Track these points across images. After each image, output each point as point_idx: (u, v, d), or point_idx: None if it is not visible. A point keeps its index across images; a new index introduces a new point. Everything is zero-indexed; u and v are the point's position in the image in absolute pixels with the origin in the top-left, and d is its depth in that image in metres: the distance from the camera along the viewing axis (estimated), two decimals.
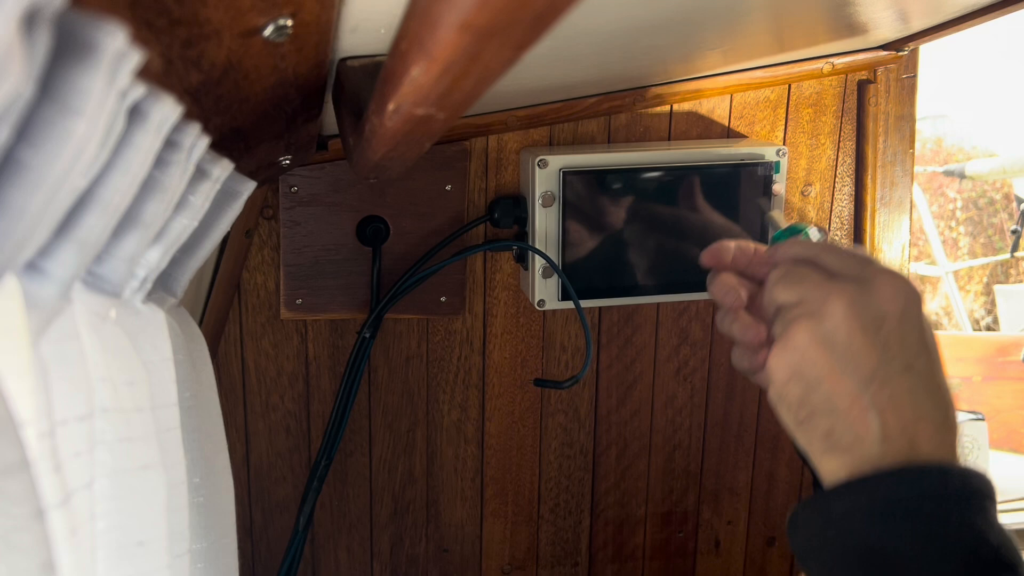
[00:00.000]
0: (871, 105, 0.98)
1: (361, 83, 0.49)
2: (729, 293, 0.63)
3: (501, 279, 0.96)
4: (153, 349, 0.44)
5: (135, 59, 0.27)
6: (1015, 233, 3.43)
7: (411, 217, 0.90)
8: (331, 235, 0.89)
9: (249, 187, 0.50)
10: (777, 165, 0.89)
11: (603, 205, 0.87)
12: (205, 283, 0.85)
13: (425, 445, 1.00)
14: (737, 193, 0.89)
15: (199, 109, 0.39)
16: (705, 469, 1.08)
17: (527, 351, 0.99)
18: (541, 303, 0.89)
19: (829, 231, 1.02)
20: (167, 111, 0.33)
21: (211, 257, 0.84)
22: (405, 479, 1.01)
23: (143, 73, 0.30)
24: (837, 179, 1.01)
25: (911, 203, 1.04)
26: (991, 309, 4.22)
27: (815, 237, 0.62)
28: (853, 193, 1.02)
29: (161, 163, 0.36)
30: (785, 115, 0.98)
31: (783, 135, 0.98)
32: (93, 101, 0.26)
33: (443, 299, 0.94)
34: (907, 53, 0.97)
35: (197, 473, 0.51)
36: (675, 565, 1.11)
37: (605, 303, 0.91)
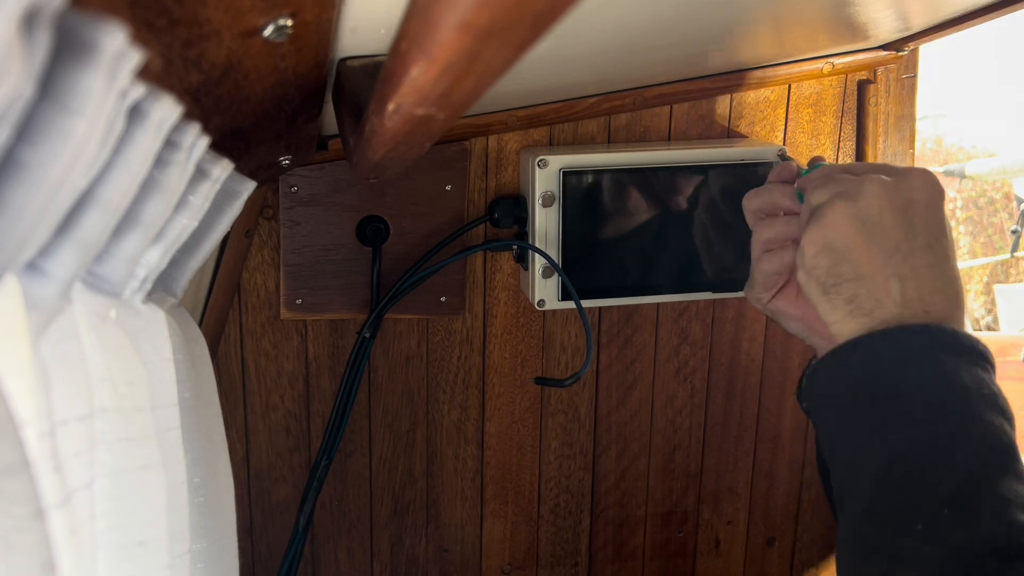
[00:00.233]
0: (871, 105, 0.98)
1: (361, 83, 0.49)
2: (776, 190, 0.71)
3: (501, 279, 0.96)
4: (153, 349, 0.44)
5: (135, 59, 0.27)
6: (1015, 233, 3.43)
7: (411, 217, 0.90)
8: (331, 235, 0.89)
9: (249, 187, 0.50)
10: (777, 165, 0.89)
11: (603, 205, 0.87)
12: (205, 283, 0.85)
13: (425, 445, 1.00)
14: (737, 193, 0.89)
15: (199, 109, 0.39)
16: (705, 469, 1.08)
17: (527, 351, 0.99)
18: (541, 303, 0.89)
19: None
20: (167, 111, 0.33)
21: (211, 257, 0.84)
22: (405, 479, 1.01)
23: (143, 73, 0.30)
24: None
25: None
26: (991, 309, 4.22)
27: None
28: None
29: (161, 163, 0.36)
30: (785, 115, 0.98)
31: (783, 135, 0.98)
32: (93, 101, 0.26)
33: (443, 299, 0.94)
34: (907, 53, 0.97)
35: (197, 473, 0.51)
36: (675, 565, 1.11)
37: (605, 303, 0.91)
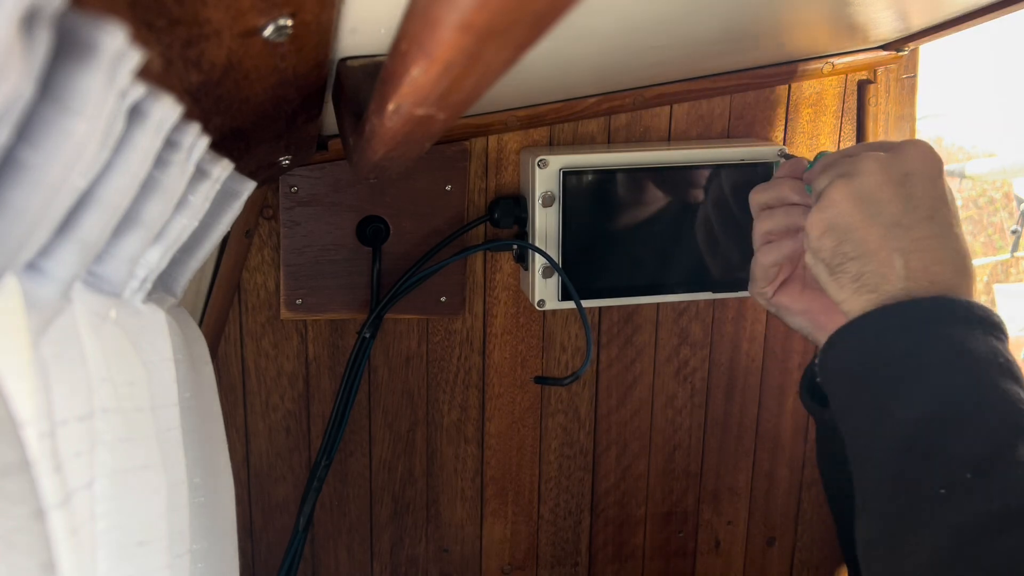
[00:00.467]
0: (871, 105, 0.98)
1: (361, 83, 0.49)
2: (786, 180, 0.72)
3: (501, 279, 0.96)
4: (153, 349, 0.44)
5: (135, 59, 0.27)
6: (1015, 233, 3.43)
7: (411, 217, 0.90)
8: (331, 235, 0.89)
9: (249, 187, 0.50)
10: (777, 165, 0.89)
11: (603, 205, 0.87)
12: (205, 283, 0.85)
13: (425, 445, 1.00)
14: (737, 193, 0.89)
15: (199, 109, 0.39)
16: (705, 469, 1.08)
17: (527, 351, 0.99)
18: (541, 303, 0.89)
19: None
20: (167, 111, 0.33)
21: (211, 257, 0.84)
22: (405, 479, 1.01)
23: (143, 73, 0.30)
24: None
25: None
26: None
27: None
28: None
29: (161, 163, 0.36)
30: (785, 115, 0.98)
31: (783, 135, 0.98)
32: (93, 101, 0.26)
33: (443, 299, 0.94)
34: (907, 53, 0.97)
35: (197, 473, 0.51)
36: (675, 565, 1.11)
37: (605, 303, 0.91)
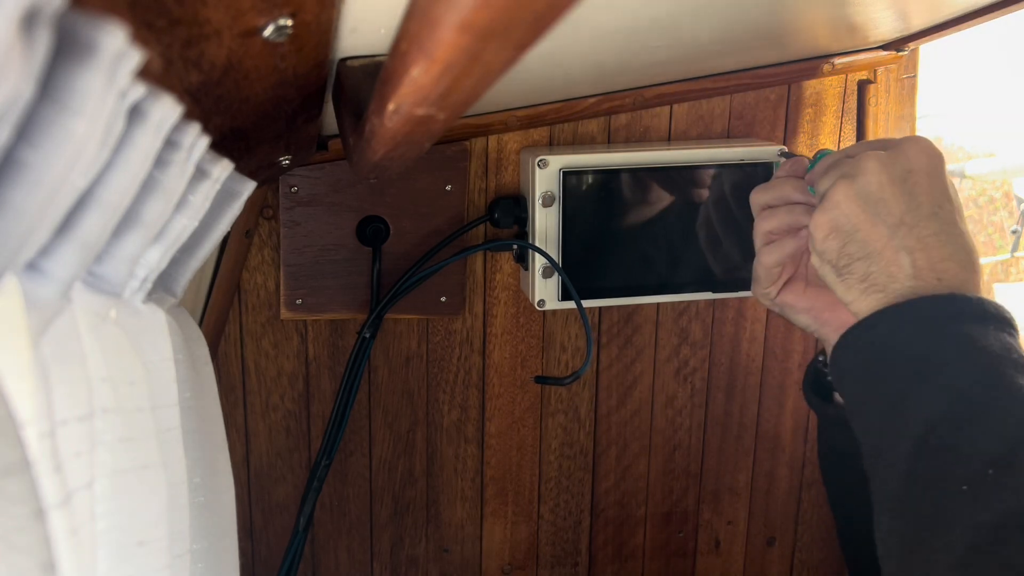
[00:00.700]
0: (871, 105, 0.98)
1: (361, 83, 0.49)
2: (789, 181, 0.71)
3: (501, 279, 0.96)
4: (153, 349, 0.44)
5: (135, 59, 0.27)
6: (1015, 233, 3.43)
7: (411, 217, 0.90)
8: (331, 235, 0.89)
9: (249, 187, 0.50)
10: (777, 165, 0.89)
11: (603, 205, 0.87)
12: (205, 283, 0.85)
13: (425, 445, 1.00)
14: (737, 193, 0.89)
15: (199, 109, 0.39)
16: (705, 469, 1.08)
17: (527, 351, 0.99)
18: (541, 303, 0.89)
19: None
20: (167, 111, 0.33)
21: (211, 257, 0.84)
22: (405, 479, 1.01)
23: (143, 73, 0.30)
24: None
25: None
26: None
27: None
28: None
29: (161, 163, 0.36)
30: (785, 115, 0.98)
31: (783, 135, 0.98)
32: (93, 101, 0.26)
33: (443, 299, 0.94)
34: (907, 53, 0.97)
35: (197, 473, 0.51)
36: (675, 565, 1.11)
37: (605, 303, 0.91)
